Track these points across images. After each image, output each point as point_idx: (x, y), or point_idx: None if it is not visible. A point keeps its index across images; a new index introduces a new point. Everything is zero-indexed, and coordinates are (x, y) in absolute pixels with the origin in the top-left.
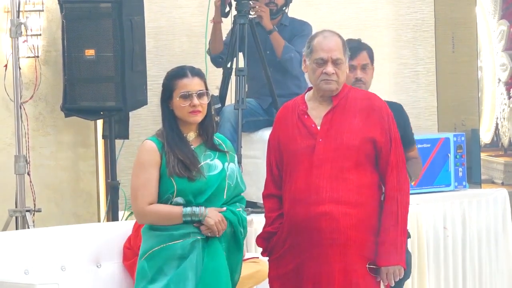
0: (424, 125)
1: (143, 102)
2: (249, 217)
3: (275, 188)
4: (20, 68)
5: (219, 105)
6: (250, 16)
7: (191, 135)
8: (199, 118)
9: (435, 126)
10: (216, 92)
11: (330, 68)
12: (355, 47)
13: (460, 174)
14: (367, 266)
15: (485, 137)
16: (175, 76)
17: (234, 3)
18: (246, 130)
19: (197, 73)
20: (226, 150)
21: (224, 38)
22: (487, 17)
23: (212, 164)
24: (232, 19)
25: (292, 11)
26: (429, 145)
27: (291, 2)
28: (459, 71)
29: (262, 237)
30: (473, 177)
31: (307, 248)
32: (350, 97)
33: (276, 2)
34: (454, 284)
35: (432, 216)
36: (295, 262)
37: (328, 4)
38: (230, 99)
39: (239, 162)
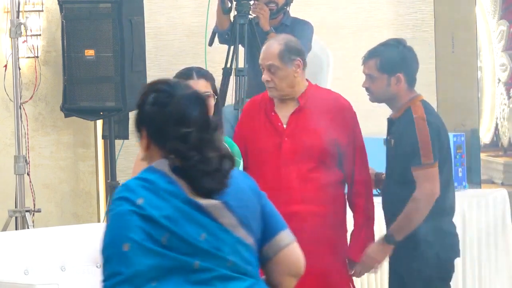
0: None
1: None
2: None
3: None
4: (19, 69)
5: None
6: (250, 16)
7: None
8: None
9: None
10: None
11: (264, 75)
12: (366, 54)
13: (460, 174)
14: (347, 260)
15: (485, 137)
16: (180, 77)
17: (234, 3)
18: None
19: (204, 74)
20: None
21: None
22: (487, 17)
23: None
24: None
25: (292, 11)
26: None
27: (292, 1)
28: (459, 71)
29: None
30: (473, 177)
31: None
32: (317, 97)
33: (277, 1)
34: (454, 284)
35: None
36: None
37: (328, 4)
38: (231, 99)
39: None
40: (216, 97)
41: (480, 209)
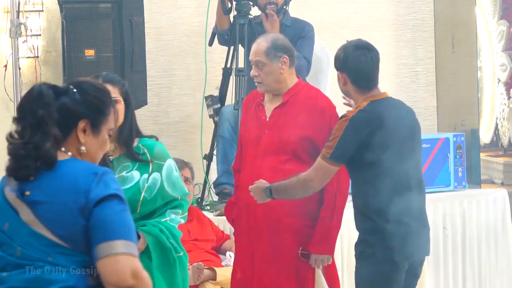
0: (423, 125)
1: (143, 102)
2: None
3: (241, 164)
4: (20, 69)
5: (218, 105)
6: (250, 16)
7: (109, 145)
8: None
9: (435, 126)
10: (216, 92)
11: (252, 71)
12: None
13: (460, 174)
14: (299, 251)
15: (485, 137)
16: None
17: (234, 4)
18: None
19: (110, 79)
20: (149, 159)
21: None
22: (487, 17)
23: (127, 176)
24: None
25: (291, 11)
26: (428, 145)
27: (290, 0)
28: (459, 71)
29: (226, 208)
30: (472, 177)
31: (247, 230)
32: (301, 95)
33: (276, 1)
34: (453, 284)
35: (431, 217)
36: (246, 238)
37: (328, 4)
38: (231, 99)
39: None
40: (124, 102)
41: (480, 209)
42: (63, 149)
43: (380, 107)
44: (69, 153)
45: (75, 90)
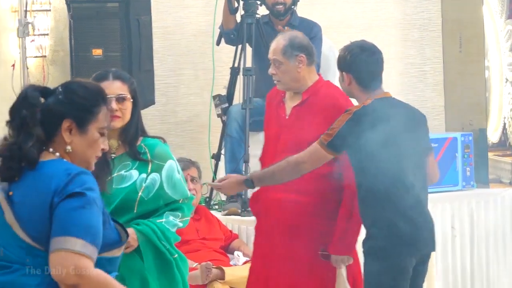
0: (431, 124)
1: (150, 101)
2: None
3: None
4: (27, 68)
5: (226, 105)
6: (257, 15)
7: (112, 143)
8: (117, 123)
9: (443, 125)
10: (223, 92)
11: (270, 69)
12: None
13: (468, 173)
14: (319, 252)
15: (493, 136)
16: (96, 78)
17: (241, 3)
18: (253, 130)
19: (119, 76)
20: (149, 159)
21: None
22: (494, 16)
23: (126, 175)
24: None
25: (298, 11)
26: (436, 145)
27: (298, 0)
28: (467, 70)
29: (251, 200)
30: (480, 177)
31: (265, 228)
32: (320, 93)
33: (284, 1)
34: (462, 283)
35: (439, 216)
36: (263, 235)
37: (335, 4)
38: (239, 98)
39: (247, 161)
40: (133, 100)
41: (488, 209)
42: (51, 149)
43: (383, 104)
44: (57, 154)
45: (60, 90)
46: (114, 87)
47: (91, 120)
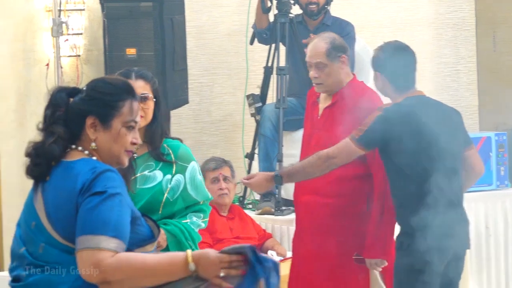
0: (465, 124)
1: (184, 101)
2: (290, 216)
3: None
4: (61, 67)
5: (260, 104)
6: (290, 15)
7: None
8: (140, 123)
9: (477, 125)
10: (257, 91)
11: (312, 72)
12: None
13: (502, 173)
14: (353, 257)
15: None
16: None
17: (274, 2)
18: (287, 129)
19: (142, 75)
20: (173, 160)
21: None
22: None
23: (150, 175)
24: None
25: (333, 11)
26: None
27: (332, 0)
28: (500, 70)
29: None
30: None
31: (298, 228)
32: (352, 94)
33: (318, 1)
34: (496, 283)
35: (473, 216)
36: (297, 235)
37: (368, 3)
38: (272, 98)
39: (280, 161)
40: (155, 100)
41: None
42: (79, 148)
43: (415, 102)
44: (86, 152)
45: (85, 88)
46: (137, 87)
47: (114, 115)
